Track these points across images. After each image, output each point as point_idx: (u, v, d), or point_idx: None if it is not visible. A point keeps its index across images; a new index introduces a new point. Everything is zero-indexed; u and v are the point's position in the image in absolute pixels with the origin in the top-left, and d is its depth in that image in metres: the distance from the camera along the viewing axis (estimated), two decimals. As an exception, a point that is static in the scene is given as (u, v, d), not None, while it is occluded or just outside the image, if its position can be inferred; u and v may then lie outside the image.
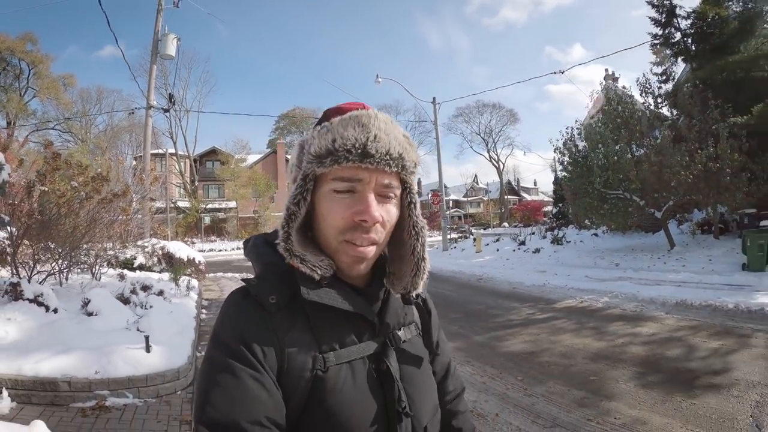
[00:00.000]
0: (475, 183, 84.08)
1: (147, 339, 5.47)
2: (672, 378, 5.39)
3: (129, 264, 11.59)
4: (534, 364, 6.31)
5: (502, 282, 14.60)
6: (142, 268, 11.91)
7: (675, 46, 19.35)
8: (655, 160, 14.33)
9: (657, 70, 20.52)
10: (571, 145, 17.74)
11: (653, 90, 16.95)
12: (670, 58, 21.13)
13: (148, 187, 13.87)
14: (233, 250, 36.83)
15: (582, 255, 18.12)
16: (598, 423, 4.36)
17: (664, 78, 20.07)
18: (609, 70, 29.84)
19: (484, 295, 12.41)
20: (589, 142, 17.18)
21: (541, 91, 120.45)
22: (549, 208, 41.52)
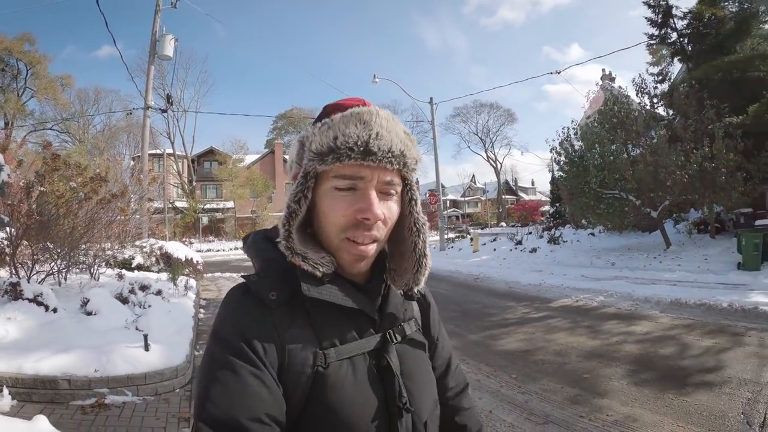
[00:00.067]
0: (473, 183, 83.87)
1: (146, 338, 5.52)
2: (665, 376, 5.42)
3: (127, 264, 11.61)
4: (528, 362, 6.35)
5: (499, 281, 14.62)
6: (141, 268, 11.92)
7: (671, 46, 19.44)
8: (650, 160, 14.33)
9: (653, 71, 20.61)
10: (567, 145, 17.74)
11: (649, 90, 16.97)
12: (666, 58, 21.22)
13: (146, 187, 13.88)
14: (231, 250, 36.78)
15: (578, 254, 18.11)
16: (590, 420, 4.40)
17: (660, 78, 20.13)
18: (606, 70, 29.93)
19: (481, 294, 12.45)
20: (585, 142, 17.19)
21: (539, 91, 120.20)
22: (546, 208, 41.56)
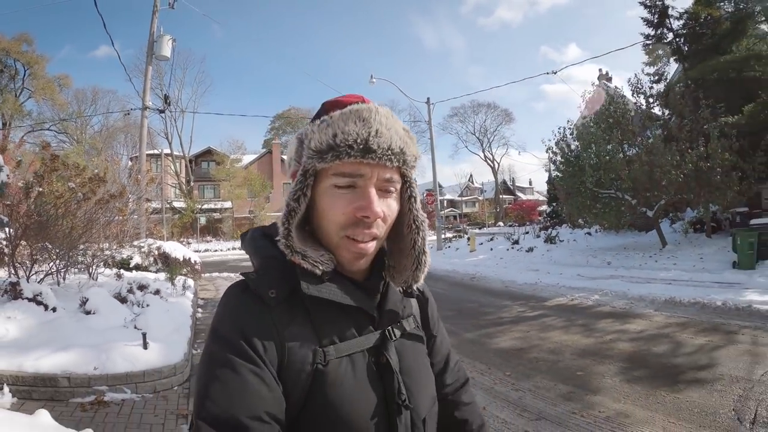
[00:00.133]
0: (471, 183, 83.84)
1: (144, 336, 5.57)
2: (657, 373, 5.47)
3: (125, 264, 11.63)
4: (523, 360, 6.40)
5: (495, 280, 14.69)
6: (139, 268, 11.94)
7: (667, 46, 19.53)
8: (646, 160, 14.39)
9: (649, 71, 20.72)
10: (563, 144, 17.77)
11: (645, 90, 17.00)
12: (662, 58, 21.33)
13: (144, 187, 13.92)
14: (229, 250, 36.78)
15: (575, 254, 18.16)
16: (582, 416, 4.46)
17: (656, 78, 20.22)
18: (603, 70, 30.00)
19: (477, 293, 12.49)
20: (581, 142, 17.25)
21: (537, 90, 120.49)
22: (544, 208, 41.61)
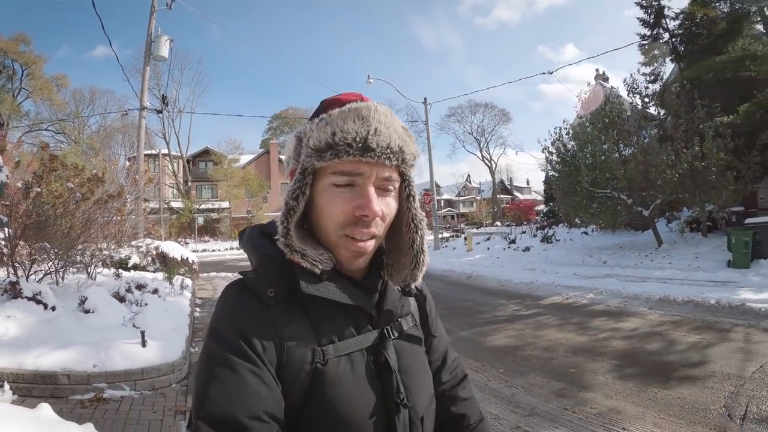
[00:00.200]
0: (468, 182, 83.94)
1: (143, 334, 5.63)
2: (649, 370, 5.54)
3: (124, 264, 11.65)
4: (517, 357, 6.47)
5: (491, 279, 14.75)
6: (137, 267, 11.97)
7: (663, 46, 19.57)
8: (641, 159, 14.43)
9: (645, 71, 20.75)
10: (559, 144, 17.80)
11: (640, 90, 17.03)
12: (658, 58, 21.35)
13: (142, 188, 13.96)
14: (226, 250, 36.79)
15: (571, 253, 18.22)
16: (574, 412, 4.53)
17: (652, 78, 20.24)
18: (599, 70, 30.08)
19: (473, 292, 12.57)
20: (577, 142, 17.28)
21: (534, 90, 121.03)
22: (541, 207, 41.66)
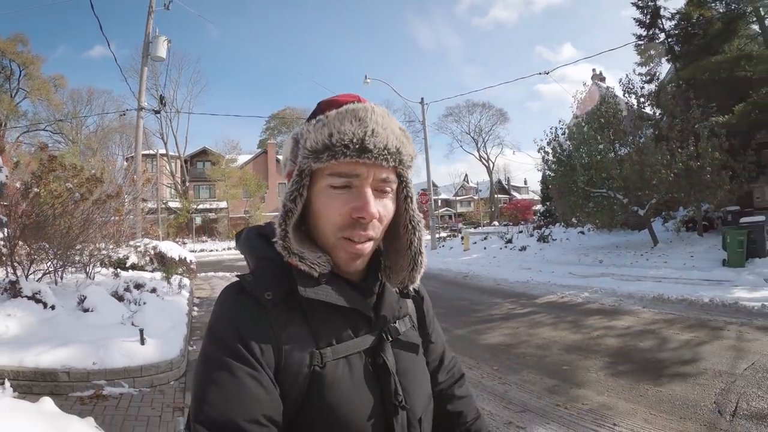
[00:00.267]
0: (466, 182, 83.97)
1: (141, 332, 5.71)
2: (641, 368, 5.61)
3: (122, 263, 11.68)
4: (510, 355, 6.54)
5: (487, 279, 14.83)
6: (135, 267, 11.99)
7: (659, 46, 19.66)
8: (636, 159, 14.46)
9: (641, 71, 20.83)
10: (555, 144, 17.83)
11: (636, 90, 17.10)
12: (654, 58, 21.42)
13: (140, 188, 14.01)
14: (224, 250, 36.81)
15: (567, 252, 18.28)
16: (566, 408, 4.60)
17: (648, 78, 20.32)
18: (596, 70, 30.07)
19: (469, 291, 12.64)
20: (572, 142, 17.32)
21: (532, 90, 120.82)
22: (538, 207, 41.72)
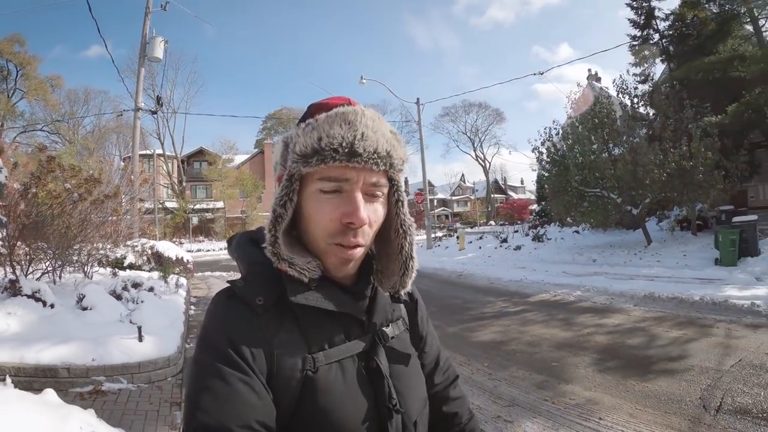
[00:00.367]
0: (462, 182, 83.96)
1: (140, 329, 5.83)
2: (629, 364, 5.70)
3: (119, 263, 11.73)
4: (501, 352, 6.64)
5: (482, 278, 14.92)
6: (132, 267, 12.05)
7: (653, 47, 19.80)
8: (629, 159, 14.57)
9: (636, 71, 20.95)
10: (549, 144, 17.91)
11: (630, 91, 17.12)
12: (648, 59, 21.55)
13: (138, 188, 14.09)
14: (221, 250, 36.69)
15: (562, 252, 18.36)
16: (553, 403, 4.71)
17: (642, 79, 20.44)
18: (592, 71, 30.22)
19: (463, 290, 12.73)
20: (566, 142, 17.41)
21: (529, 90, 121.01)
22: (534, 207, 41.86)
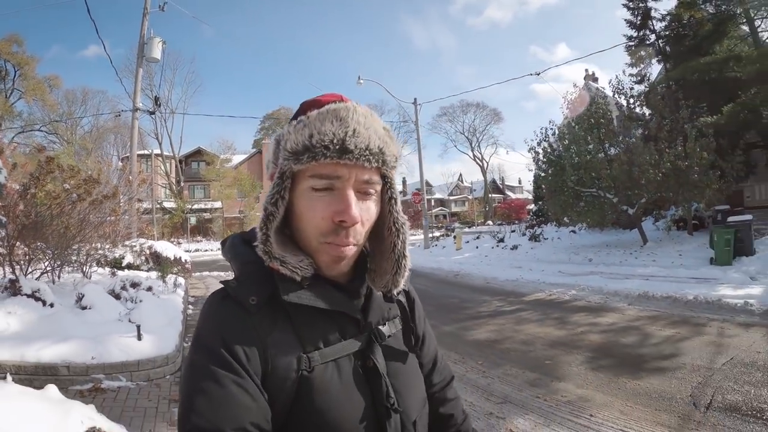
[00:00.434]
0: (460, 182, 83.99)
1: (138, 328, 5.90)
2: (622, 362, 5.77)
3: (118, 263, 11.76)
4: (495, 350, 6.72)
5: (478, 277, 14.98)
6: (131, 266, 12.06)
7: (650, 47, 19.87)
8: (624, 159, 14.64)
9: (632, 71, 21.01)
10: (546, 144, 17.96)
11: (625, 91, 17.19)
12: (644, 59, 21.63)
13: (136, 188, 14.13)
14: (219, 250, 36.43)
15: (558, 251, 18.40)
16: (545, 400, 4.78)
17: (638, 79, 20.50)
18: (589, 71, 30.20)
19: (459, 289, 12.79)
20: (562, 143, 17.50)
21: (527, 90, 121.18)
22: (532, 206, 41.94)
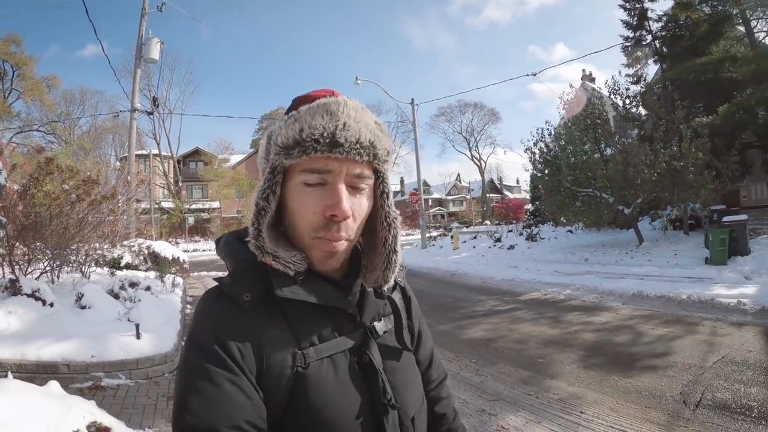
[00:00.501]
0: (458, 182, 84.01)
1: (137, 327, 5.99)
2: (614, 360, 5.84)
3: (116, 263, 11.80)
4: (489, 348, 6.80)
5: (474, 277, 15.06)
6: (129, 266, 12.10)
7: (646, 48, 19.96)
8: (620, 159, 14.71)
9: (628, 72, 21.10)
10: (542, 145, 18.01)
11: (621, 92, 17.21)
12: (640, 60, 21.72)
13: (134, 189, 14.18)
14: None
15: (554, 251, 18.45)
16: (537, 398, 4.87)
17: (635, 79, 20.55)
18: (586, 71, 30.15)
19: (455, 289, 12.87)
20: (558, 143, 17.56)
21: (526, 90, 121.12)
22: (529, 206, 42.00)
